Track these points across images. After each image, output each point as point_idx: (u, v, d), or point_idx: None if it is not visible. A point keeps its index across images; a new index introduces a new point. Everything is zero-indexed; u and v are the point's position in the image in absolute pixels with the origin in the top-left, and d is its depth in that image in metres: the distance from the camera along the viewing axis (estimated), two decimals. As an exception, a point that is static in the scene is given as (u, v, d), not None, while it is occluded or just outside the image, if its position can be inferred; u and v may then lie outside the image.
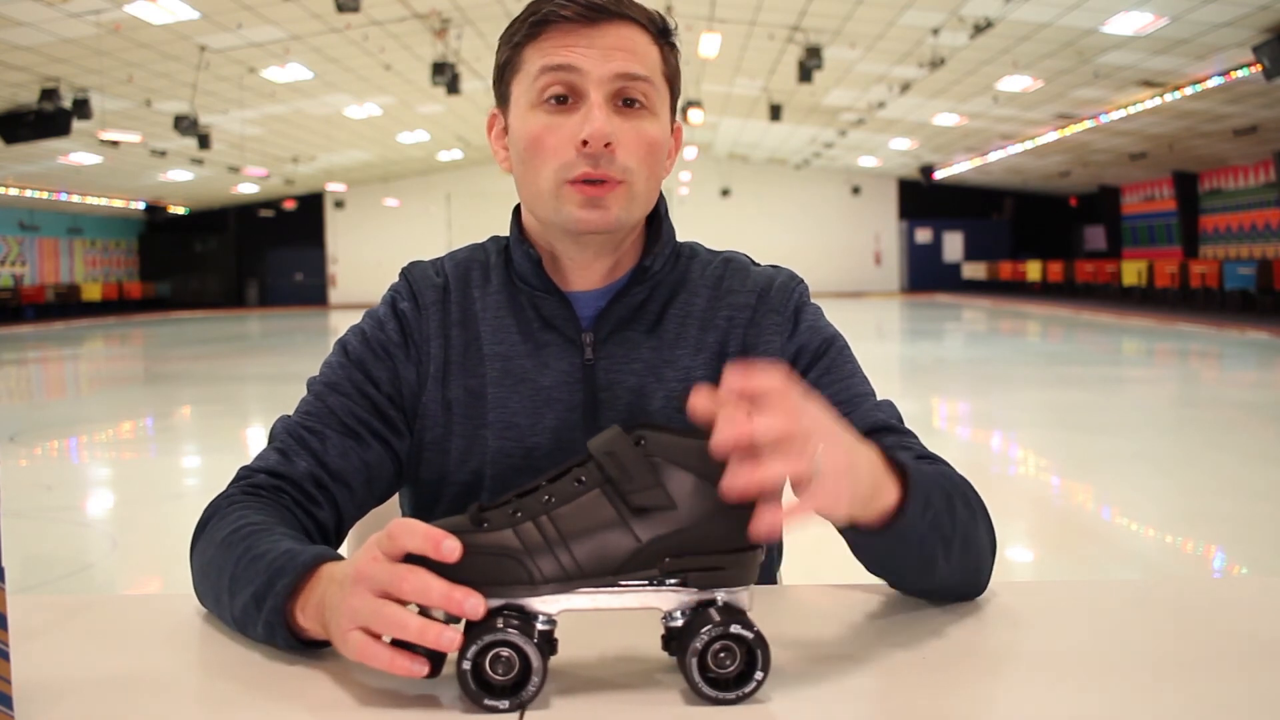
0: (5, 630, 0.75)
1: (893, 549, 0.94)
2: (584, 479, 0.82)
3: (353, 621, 0.82)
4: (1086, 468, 6.64)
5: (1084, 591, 1.12)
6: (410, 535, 0.80)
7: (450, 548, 0.78)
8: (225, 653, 0.95)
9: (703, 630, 0.78)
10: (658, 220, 1.23)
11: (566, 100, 1.11)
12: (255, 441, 8.60)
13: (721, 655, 0.79)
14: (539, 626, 0.79)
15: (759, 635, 0.79)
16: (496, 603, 0.79)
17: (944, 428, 8.31)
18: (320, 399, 1.17)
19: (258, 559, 0.94)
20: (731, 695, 0.78)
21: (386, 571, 0.80)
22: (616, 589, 0.81)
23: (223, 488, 1.12)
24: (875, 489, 0.88)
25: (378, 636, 0.82)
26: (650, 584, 0.81)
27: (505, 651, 0.78)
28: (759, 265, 1.27)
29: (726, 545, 0.81)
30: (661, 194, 1.25)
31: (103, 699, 0.83)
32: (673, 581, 0.81)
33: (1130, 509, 5.54)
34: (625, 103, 1.11)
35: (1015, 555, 4.62)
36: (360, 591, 0.81)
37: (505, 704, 0.78)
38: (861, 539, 0.93)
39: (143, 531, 5.35)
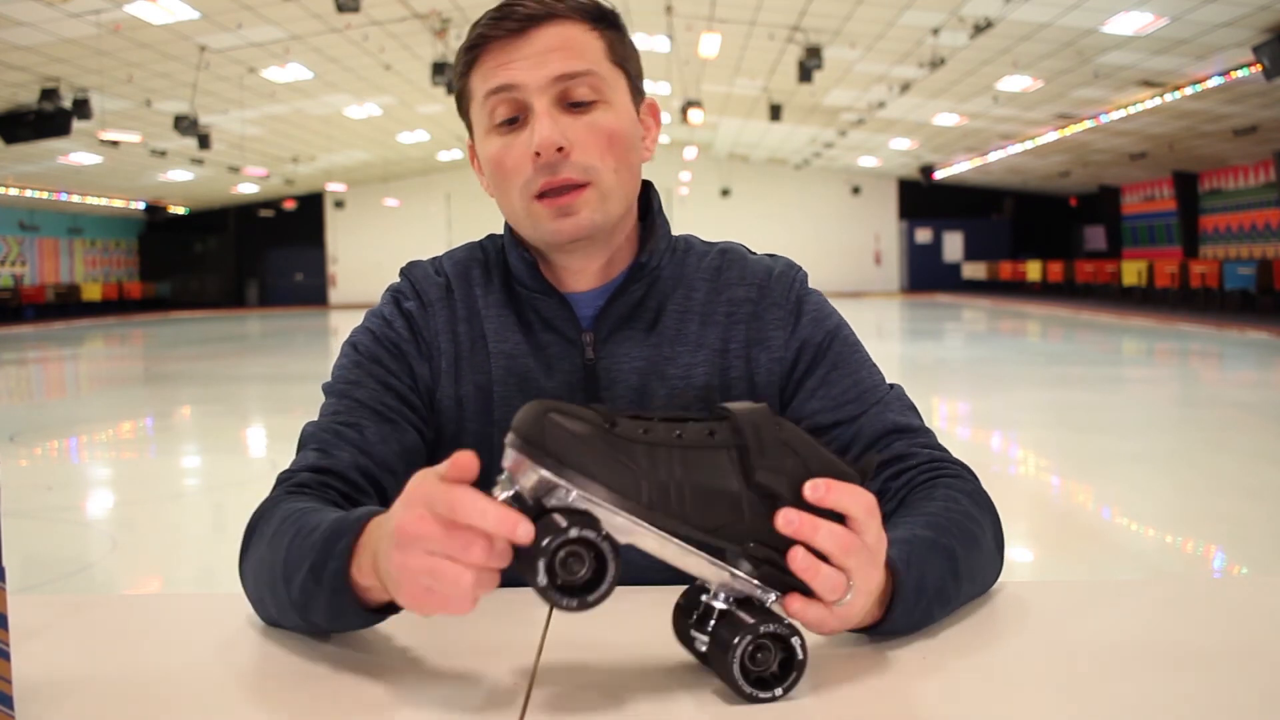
0: (5, 630, 0.75)
1: (880, 635, 0.94)
2: (716, 433, 0.80)
3: (416, 582, 0.76)
4: (1086, 468, 6.64)
5: (1084, 591, 1.12)
6: (481, 516, 0.74)
7: (526, 531, 0.74)
8: (225, 652, 0.95)
9: (752, 624, 0.78)
10: (652, 215, 1.22)
11: (516, 119, 1.10)
12: (255, 441, 8.61)
13: (759, 655, 0.79)
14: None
15: (804, 642, 0.79)
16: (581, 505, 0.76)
17: (944, 428, 8.30)
18: (345, 395, 1.15)
19: (309, 534, 0.92)
20: (768, 694, 0.79)
21: (439, 528, 0.75)
22: (686, 547, 0.79)
23: (222, 487, 1.12)
24: (870, 606, 0.86)
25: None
26: (719, 557, 0.80)
27: (583, 551, 0.74)
28: (755, 254, 1.26)
29: None
30: (654, 189, 1.24)
31: (103, 699, 0.83)
32: (745, 567, 0.80)
33: (1130, 509, 5.54)
34: (574, 104, 1.10)
35: (1015, 555, 4.62)
36: (416, 553, 0.76)
37: (575, 602, 0.74)
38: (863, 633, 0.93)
39: (143, 531, 5.35)
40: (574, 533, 0.74)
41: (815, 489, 0.78)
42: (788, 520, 0.78)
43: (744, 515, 0.80)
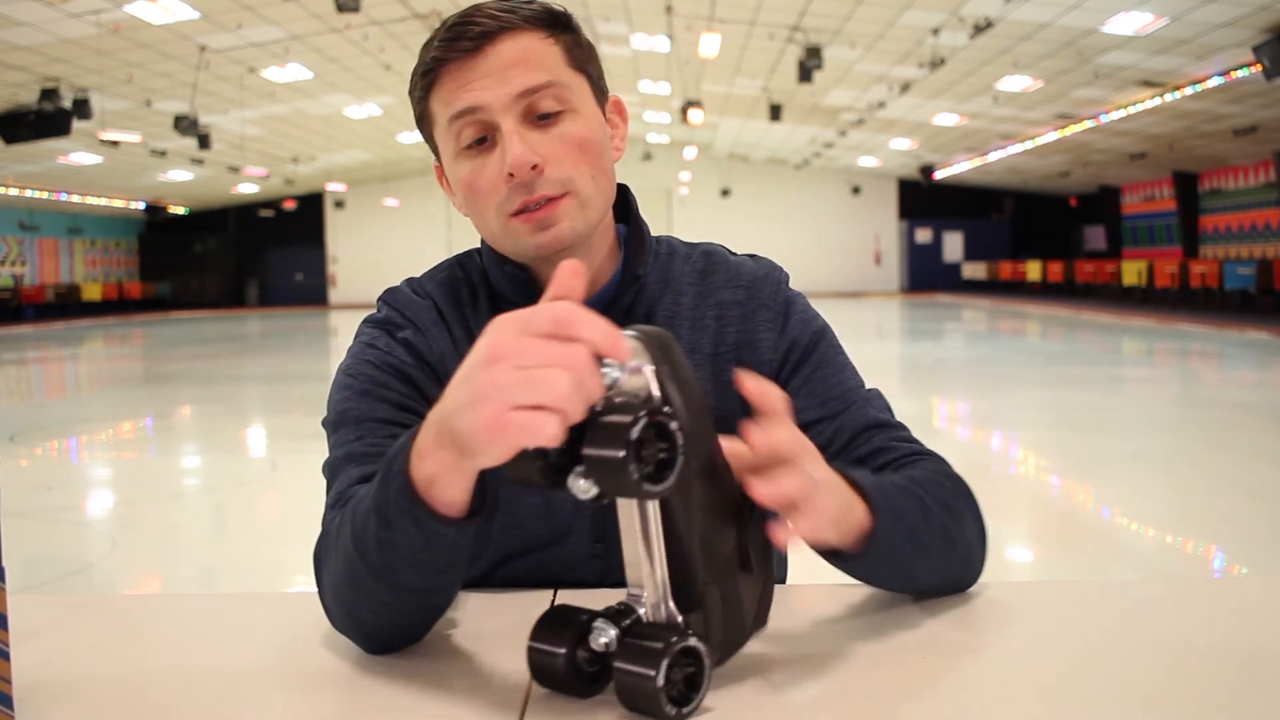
0: (5, 630, 0.74)
1: (871, 567, 0.95)
2: None
3: (500, 400, 0.70)
4: (1086, 468, 6.64)
5: (1083, 591, 1.12)
6: (587, 324, 0.70)
7: (626, 348, 0.71)
8: (225, 652, 0.95)
9: (669, 642, 0.75)
10: (633, 220, 1.20)
11: (484, 139, 1.08)
12: (255, 441, 8.60)
13: (674, 671, 0.76)
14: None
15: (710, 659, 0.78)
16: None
17: (944, 428, 8.30)
18: (363, 420, 1.09)
19: (365, 495, 0.88)
20: (681, 711, 0.76)
21: (536, 340, 0.71)
22: (658, 544, 0.78)
23: (221, 487, 1.11)
24: (847, 508, 0.89)
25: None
26: (678, 577, 0.79)
27: (657, 443, 0.73)
28: (737, 255, 1.26)
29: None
30: (631, 193, 1.22)
31: (103, 699, 0.83)
32: (674, 605, 0.80)
33: (1130, 509, 5.54)
34: (539, 117, 1.08)
35: (1015, 555, 4.62)
36: (504, 369, 0.71)
37: (636, 476, 0.71)
38: (841, 563, 0.94)
39: (143, 531, 5.35)
40: (675, 424, 0.73)
41: (752, 435, 0.80)
42: (759, 492, 0.79)
43: (726, 546, 0.81)
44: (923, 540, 0.97)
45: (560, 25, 1.11)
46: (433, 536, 0.81)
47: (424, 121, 1.14)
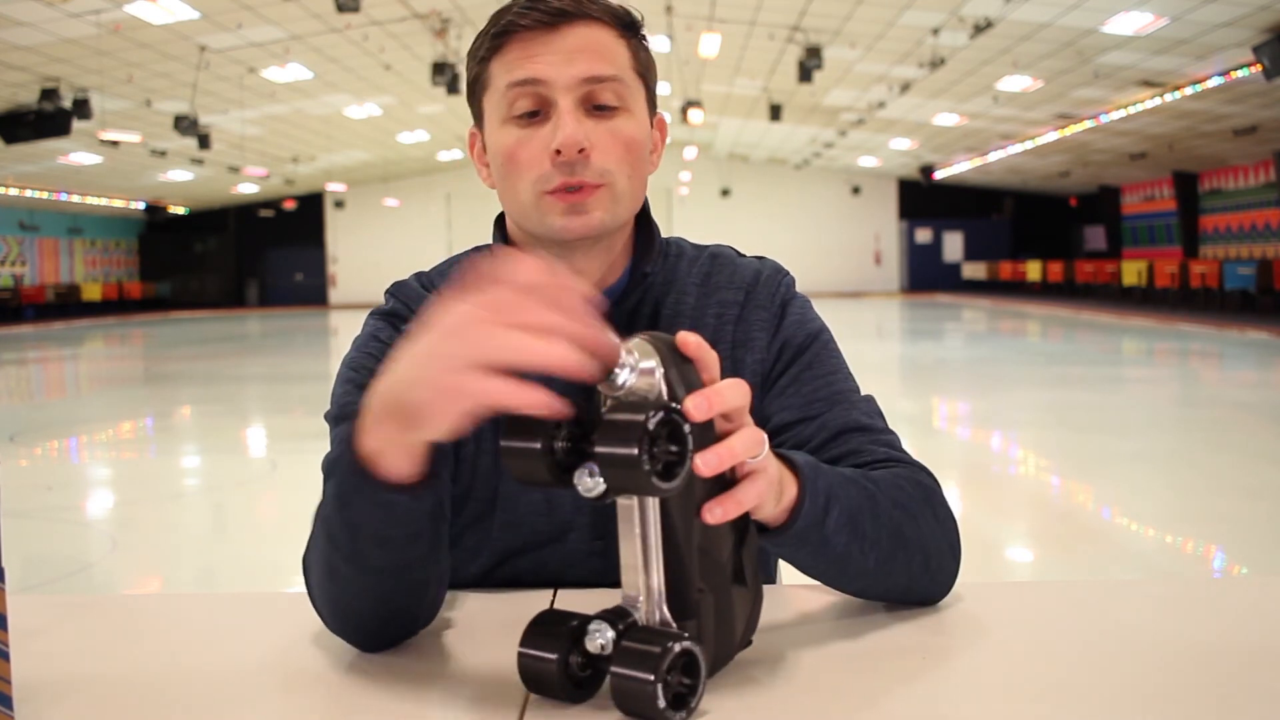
0: (5, 630, 0.74)
1: (802, 550, 0.92)
2: None
3: (460, 365, 0.71)
4: (1086, 468, 6.64)
5: (1083, 591, 1.12)
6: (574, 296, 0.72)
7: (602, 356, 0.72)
8: (225, 652, 0.95)
9: (668, 645, 0.74)
10: (647, 222, 1.21)
11: (537, 114, 1.09)
12: (255, 441, 8.60)
13: (671, 675, 0.75)
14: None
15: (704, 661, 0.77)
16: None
17: (944, 428, 8.30)
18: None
19: (330, 485, 0.88)
20: (679, 713, 0.75)
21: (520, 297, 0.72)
22: (655, 553, 0.78)
23: (221, 487, 1.11)
24: (781, 483, 0.87)
25: None
26: (672, 585, 0.79)
27: (669, 442, 0.73)
28: (744, 256, 1.26)
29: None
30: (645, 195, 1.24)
31: (103, 699, 0.83)
32: (666, 614, 0.79)
33: (1130, 509, 5.54)
34: (597, 107, 1.09)
35: (1015, 555, 4.63)
36: (458, 340, 0.72)
37: (649, 464, 0.72)
38: (773, 544, 0.91)
39: (143, 531, 5.35)
40: (688, 427, 0.73)
41: (698, 406, 0.75)
42: (706, 462, 0.75)
43: (723, 556, 0.81)
44: (867, 534, 0.94)
45: (632, 29, 1.14)
46: (387, 507, 0.83)
47: (477, 83, 1.14)
